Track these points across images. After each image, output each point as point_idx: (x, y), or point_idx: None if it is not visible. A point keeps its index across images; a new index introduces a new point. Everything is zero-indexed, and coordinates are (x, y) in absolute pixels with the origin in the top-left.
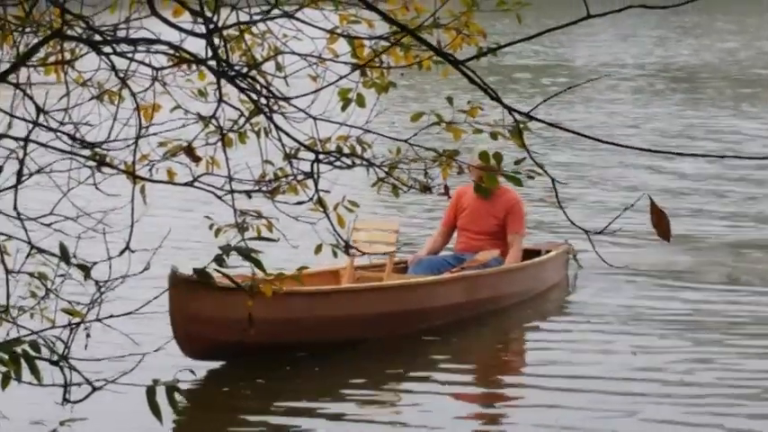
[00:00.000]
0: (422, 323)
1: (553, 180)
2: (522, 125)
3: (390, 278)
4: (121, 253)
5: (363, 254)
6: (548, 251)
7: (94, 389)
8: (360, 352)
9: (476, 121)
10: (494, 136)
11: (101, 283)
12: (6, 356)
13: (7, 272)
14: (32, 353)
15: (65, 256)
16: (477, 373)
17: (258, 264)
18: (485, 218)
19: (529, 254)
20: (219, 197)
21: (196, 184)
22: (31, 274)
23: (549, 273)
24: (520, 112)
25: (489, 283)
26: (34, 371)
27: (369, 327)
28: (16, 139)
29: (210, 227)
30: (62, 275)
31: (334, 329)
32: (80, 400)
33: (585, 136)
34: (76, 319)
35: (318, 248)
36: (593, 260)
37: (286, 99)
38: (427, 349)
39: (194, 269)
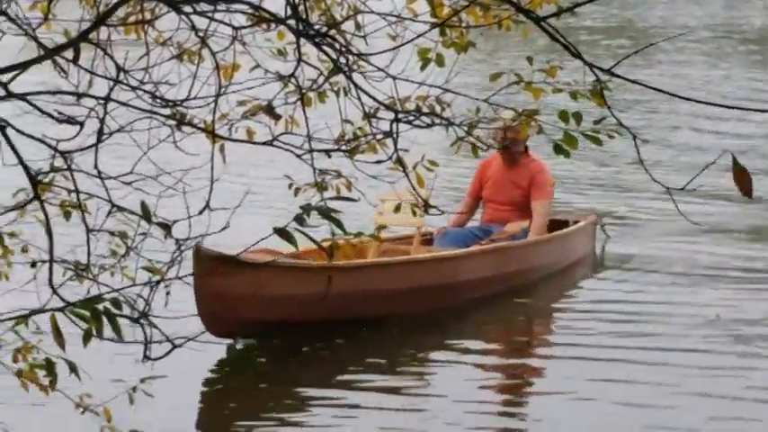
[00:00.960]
0: (452, 298)
1: (634, 137)
2: (602, 84)
3: (418, 251)
4: (201, 212)
5: (442, 213)
6: (575, 222)
7: (174, 346)
8: (385, 329)
9: (555, 80)
10: (573, 96)
11: (181, 242)
12: (88, 314)
13: (88, 230)
14: (114, 310)
15: (146, 214)
16: (506, 352)
17: (338, 223)
18: (509, 188)
19: (556, 225)
20: (299, 156)
21: (275, 143)
22: (112, 233)
23: (578, 244)
24: (601, 69)
25: (519, 255)
26: (115, 328)
27: (397, 302)
28: (97, 98)
29: (290, 186)
30: (143, 234)
31: (361, 305)
32: (160, 358)
33: (668, 93)
34: (157, 277)
35: (397, 208)
36: (620, 230)
37: (361, 55)
38: (454, 325)
39: (274, 228)
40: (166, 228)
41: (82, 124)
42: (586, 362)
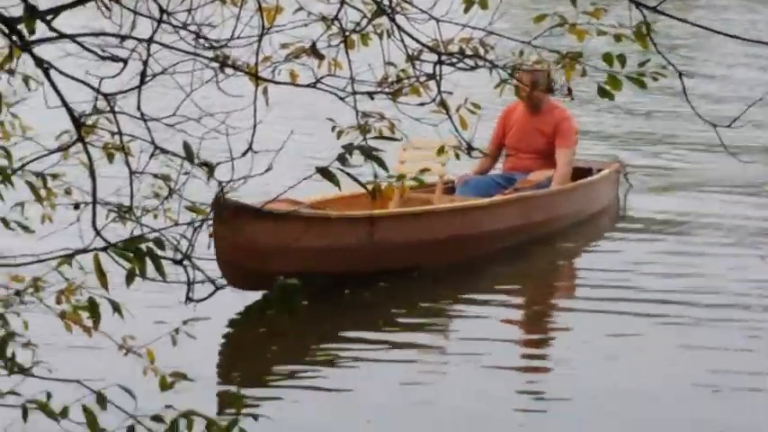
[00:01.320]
0: (476, 248)
1: (680, 74)
2: (648, 24)
3: (441, 200)
4: (244, 154)
5: (485, 155)
6: (599, 170)
7: (217, 288)
8: (410, 280)
9: (600, 22)
10: (617, 38)
11: (223, 184)
12: (131, 254)
13: (131, 172)
14: (157, 250)
15: (189, 154)
16: (529, 304)
17: (381, 162)
18: (533, 135)
19: (579, 172)
20: (342, 99)
21: (318, 85)
22: (155, 175)
23: (602, 192)
24: (647, 7)
25: (543, 204)
26: (159, 268)
27: (422, 253)
28: (140, 39)
29: (333, 129)
30: (186, 173)
31: (386, 257)
32: (203, 300)
33: (716, 32)
34: (200, 218)
35: (441, 150)
36: (642, 177)
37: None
38: (477, 276)
39: (317, 168)
40: (210, 168)
41: (125, 62)
42: (610, 315)
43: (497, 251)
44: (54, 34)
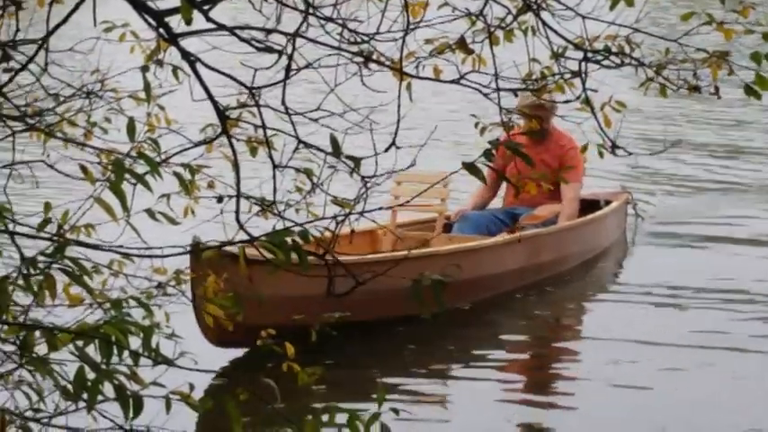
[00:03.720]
0: (479, 293)
1: None
2: None
3: (440, 240)
4: (387, 149)
5: (630, 154)
6: (607, 202)
7: (358, 283)
8: (400, 333)
9: (747, 21)
10: (766, 37)
11: (367, 179)
12: (277, 247)
13: (274, 166)
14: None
15: (335, 148)
16: (532, 351)
17: (527, 159)
18: (538, 166)
19: (586, 205)
20: (486, 95)
21: (462, 81)
22: (297, 170)
23: (611, 227)
24: None
25: (552, 243)
26: (303, 260)
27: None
28: (286, 34)
29: (476, 125)
30: (331, 167)
31: (377, 305)
32: (344, 294)
33: None
34: (344, 211)
35: (584, 148)
36: (653, 210)
37: None
38: (479, 322)
39: (463, 163)
40: (356, 161)
41: (280, 53)
42: (624, 361)
43: (500, 295)
44: (200, 27)
